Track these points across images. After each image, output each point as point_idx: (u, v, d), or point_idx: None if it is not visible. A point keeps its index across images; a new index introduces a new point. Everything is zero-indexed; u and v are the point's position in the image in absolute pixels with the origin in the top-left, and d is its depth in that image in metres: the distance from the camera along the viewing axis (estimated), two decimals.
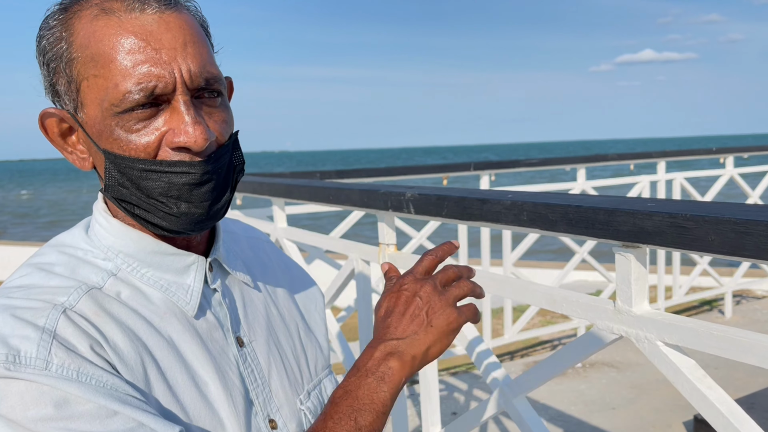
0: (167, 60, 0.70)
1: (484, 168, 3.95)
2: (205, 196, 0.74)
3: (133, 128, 0.71)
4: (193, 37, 0.73)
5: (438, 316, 0.80)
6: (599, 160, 4.50)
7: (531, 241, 4.09)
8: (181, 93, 0.71)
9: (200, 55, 0.73)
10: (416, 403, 3.42)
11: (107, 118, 0.71)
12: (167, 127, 0.71)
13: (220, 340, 0.81)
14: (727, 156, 4.94)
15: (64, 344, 0.66)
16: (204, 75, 0.72)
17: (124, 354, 0.71)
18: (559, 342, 4.96)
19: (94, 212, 0.81)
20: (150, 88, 0.69)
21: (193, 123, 0.71)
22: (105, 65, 0.70)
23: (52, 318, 0.68)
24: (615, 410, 3.25)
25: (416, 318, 0.79)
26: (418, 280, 0.83)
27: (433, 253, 0.88)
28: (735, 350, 0.95)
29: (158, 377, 0.72)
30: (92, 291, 0.73)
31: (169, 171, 0.72)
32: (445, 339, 0.80)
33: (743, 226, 0.86)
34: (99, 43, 0.70)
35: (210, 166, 0.73)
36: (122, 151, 0.72)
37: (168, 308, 0.77)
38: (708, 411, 1.01)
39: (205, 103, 0.74)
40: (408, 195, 1.56)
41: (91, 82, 0.71)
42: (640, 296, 1.11)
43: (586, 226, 1.10)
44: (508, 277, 1.46)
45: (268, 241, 1.04)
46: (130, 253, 0.77)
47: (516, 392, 1.42)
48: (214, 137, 0.73)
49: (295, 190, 2.19)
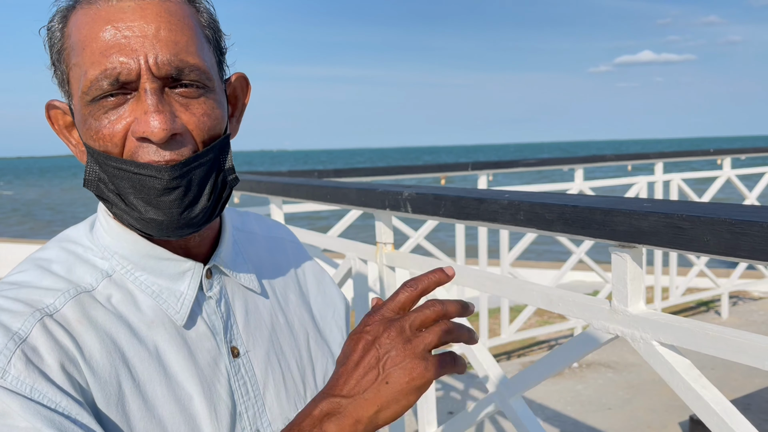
0: (136, 47, 0.68)
1: (482, 168, 3.96)
2: (174, 204, 0.70)
3: (102, 117, 0.69)
4: (170, 24, 0.69)
5: (397, 370, 0.63)
6: (597, 160, 4.51)
7: (528, 241, 4.10)
8: (147, 80, 0.68)
9: (174, 43, 0.69)
10: None
11: (83, 107, 0.70)
12: (132, 117, 0.69)
13: (211, 350, 0.78)
14: (725, 157, 4.95)
15: (29, 355, 0.65)
16: (175, 63, 0.68)
17: (99, 367, 0.69)
18: (555, 342, 4.97)
19: (98, 210, 0.80)
20: (114, 74, 0.67)
21: (154, 111, 0.67)
22: (80, 53, 0.69)
23: (27, 324, 0.66)
24: (611, 410, 3.26)
25: (370, 371, 0.64)
26: (385, 320, 0.66)
27: (412, 284, 0.68)
28: (730, 350, 0.95)
29: (134, 391, 0.70)
30: (81, 296, 0.72)
31: (137, 173, 0.69)
32: (403, 399, 0.63)
33: (739, 227, 0.87)
34: (78, 31, 0.70)
35: (178, 172, 0.69)
36: (94, 142, 0.70)
37: (156, 316, 0.75)
38: (703, 411, 1.02)
39: (180, 94, 0.70)
40: (405, 194, 1.56)
41: (73, 72, 0.71)
42: (636, 296, 1.11)
43: (583, 225, 1.11)
44: (506, 276, 1.46)
45: (293, 240, 0.99)
46: (125, 255, 0.76)
47: (512, 392, 1.43)
48: (182, 129, 0.69)
49: (293, 188, 2.19)
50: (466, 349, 1.57)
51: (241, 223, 0.93)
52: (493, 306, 5.06)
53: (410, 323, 0.65)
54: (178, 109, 0.70)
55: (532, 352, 4.78)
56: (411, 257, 1.72)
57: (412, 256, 1.72)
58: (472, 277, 1.49)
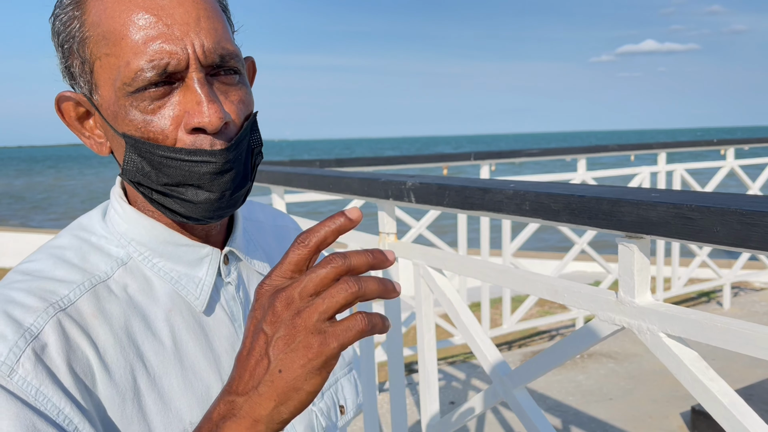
0: (180, 35, 0.67)
1: (485, 158, 3.94)
2: (227, 185, 0.71)
3: (148, 108, 0.68)
4: (207, 11, 0.69)
5: (289, 354, 0.53)
6: (600, 150, 4.49)
7: (531, 231, 4.09)
8: (195, 70, 0.67)
9: (215, 30, 0.69)
10: (414, 392, 3.43)
11: (121, 98, 0.68)
12: (182, 108, 0.68)
13: (230, 336, 0.78)
14: (728, 147, 4.93)
15: (39, 354, 0.64)
16: (218, 51, 0.69)
17: (113, 363, 0.69)
18: (557, 332, 4.97)
19: (111, 197, 0.79)
20: (162, 65, 0.66)
21: (207, 102, 0.67)
22: (116, 42, 0.67)
23: (40, 321, 0.66)
24: (612, 401, 3.26)
25: (261, 360, 0.54)
26: (273, 290, 0.55)
27: (304, 238, 0.55)
28: (738, 342, 0.94)
29: (149, 386, 0.70)
30: (97, 288, 0.71)
31: (189, 160, 0.69)
32: (304, 386, 0.53)
33: (750, 217, 0.85)
34: (110, 20, 0.68)
35: (231, 154, 0.70)
36: (140, 134, 0.69)
37: (175, 304, 0.75)
38: (710, 403, 1.01)
39: (221, 81, 0.70)
40: (409, 184, 1.55)
41: (104, 62, 0.69)
42: (643, 287, 1.10)
43: (589, 216, 1.09)
44: (509, 267, 1.45)
45: (298, 229, 0.99)
46: (143, 241, 0.76)
47: (516, 383, 1.42)
48: (230, 118, 0.70)
49: (295, 178, 2.18)
50: (469, 340, 1.56)
51: (247, 212, 0.92)
52: (495, 296, 5.06)
53: (300, 290, 0.54)
54: (221, 96, 0.70)
55: (533, 342, 4.78)
56: (414, 247, 1.71)
57: (415, 246, 1.71)
58: (477, 268, 1.48)
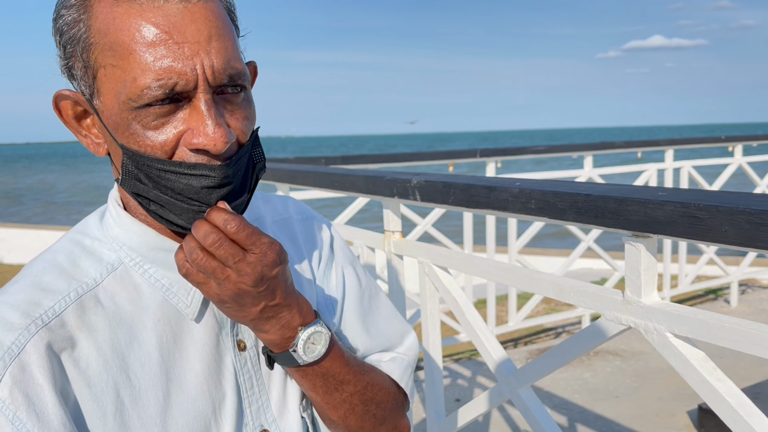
0: (190, 55, 0.66)
1: (491, 155, 3.92)
2: (223, 198, 0.70)
3: (151, 124, 0.67)
4: (219, 29, 0.68)
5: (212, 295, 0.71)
6: (606, 147, 4.46)
7: (537, 229, 4.08)
8: (203, 91, 0.67)
9: (225, 50, 0.68)
10: (419, 390, 3.42)
11: (124, 111, 0.67)
12: (186, 126, 0.68)
13: (218, 343, 0.78)
14: (736, 144, 4.89)
15: (19, 375, 0.65)
16: (228, 71, 0.68)
17: (96, 378, 0.69)
18: (563, 330, 4.95)
19: (108, 200, 0.79)
20: (170, 84, 0.65)
21: (214, 125, 0.67)
22: (124, 56, 0.66)
23: (22, 339, 0.66)
24: (619, 399, 3.25)
25: None
26: None
27: None
28: (746, 342, 0.93)
29: (133, 400, 0.71)
30: (83, 298, 0.72)
31: (187, 173, 0.68)
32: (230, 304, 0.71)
33: (759, 217, 0.84)
34: (118, 31, 0.66)
35: (231, 169, 0.70)
36: (139, 147, 0.68)
37: (164, 313, 0.75)
38: (717, 403, 1.00)
39: (227, 100, 0.70)
40: (414, 182, 1.54)
41: (109, 72, 0.68)
42: (650, 287, 1.09)
43: (596, 215, 1.08)
44: (516, 266, 1.44)
45: (300, 218, 0.97)
46: (134, 246, 0.75)
47: (522, 382, 1.41)
48: (234, 138, 0.69)
49: (300, 175, 2.17)
50: (475, 338, 1.56)
51: (251, 208, 0.91)
52: (501, 293, 5.05)
53: None
54: (227, 115, 0.70)
55: (539, 339, 4.77)
56: (419, 245, 1.70)
57: (421, 245, 1.70)
58: (482, 267, 1.48)
